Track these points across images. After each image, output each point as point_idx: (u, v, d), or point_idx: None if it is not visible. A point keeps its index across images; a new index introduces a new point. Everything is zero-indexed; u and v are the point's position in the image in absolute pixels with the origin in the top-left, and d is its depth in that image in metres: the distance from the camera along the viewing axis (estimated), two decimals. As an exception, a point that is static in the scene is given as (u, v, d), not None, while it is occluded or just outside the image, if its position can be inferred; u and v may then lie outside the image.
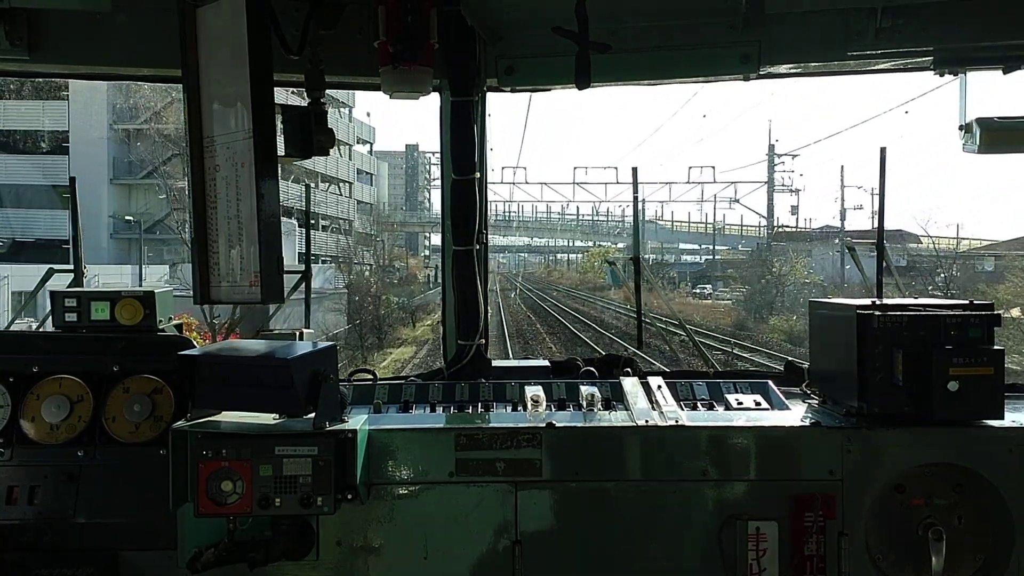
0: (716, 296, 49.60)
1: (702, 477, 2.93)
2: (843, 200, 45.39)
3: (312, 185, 41.12)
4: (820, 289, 35.30)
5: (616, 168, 69.43)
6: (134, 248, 36.83)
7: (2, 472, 3.02)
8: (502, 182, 46.30)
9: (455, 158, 3.51)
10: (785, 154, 51.10)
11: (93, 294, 3.24)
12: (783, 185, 50.64)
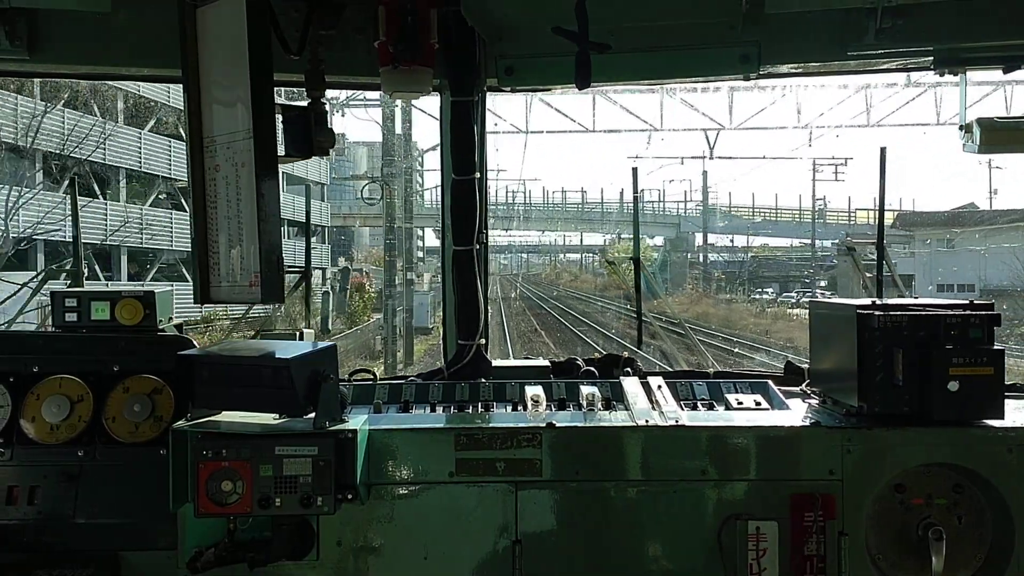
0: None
1: (702, 477, 2.93)
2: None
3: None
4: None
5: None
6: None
7: (2, 472, 3.01)
8: (504, 90, 5.44)
9: (455, 158, 3.51)
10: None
11: (93, 294, 3.24)
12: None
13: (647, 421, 3.00)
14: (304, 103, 3.27)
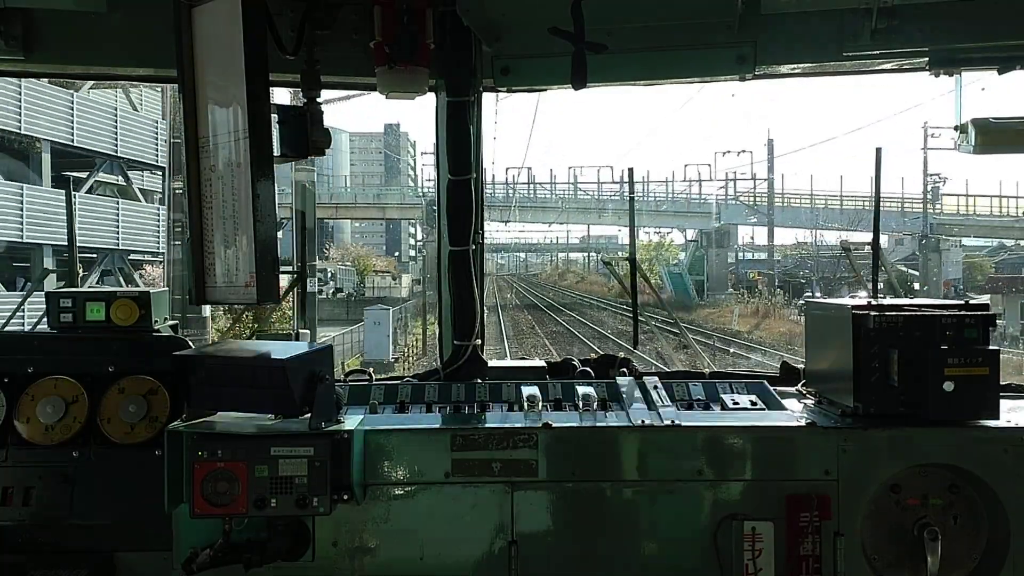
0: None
1: (698, 477, 2.93)
2: None
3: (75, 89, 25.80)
4: None
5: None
6: None
7: None
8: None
9: (451, 158, 3.51)
10: None
11: (88, 294, 3.23)
12: None
13: (643, 421, 3.00)
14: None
